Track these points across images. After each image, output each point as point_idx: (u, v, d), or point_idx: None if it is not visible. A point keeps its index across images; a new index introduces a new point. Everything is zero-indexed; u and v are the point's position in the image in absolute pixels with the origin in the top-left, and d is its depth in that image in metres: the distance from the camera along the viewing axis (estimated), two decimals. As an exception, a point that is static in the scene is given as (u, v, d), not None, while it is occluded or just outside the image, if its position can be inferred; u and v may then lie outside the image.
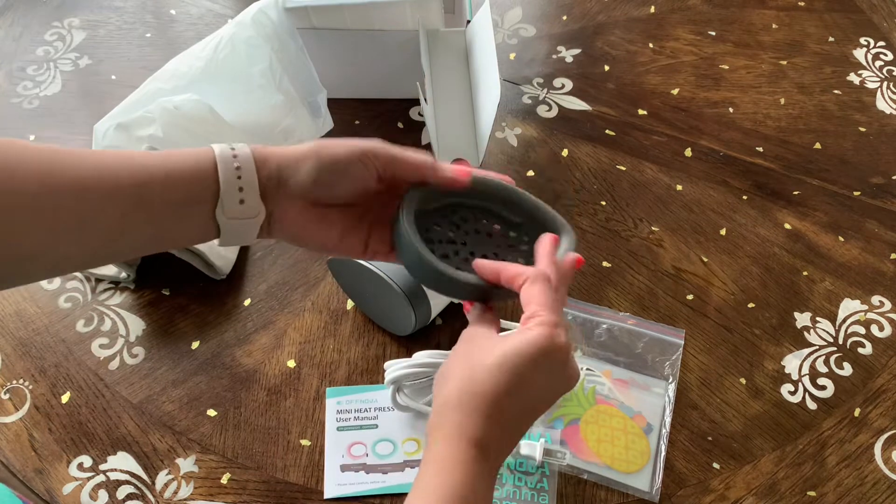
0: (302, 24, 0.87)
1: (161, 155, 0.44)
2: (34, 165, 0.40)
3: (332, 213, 0.48)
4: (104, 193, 0.41)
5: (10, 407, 0.71)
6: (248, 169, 0.44)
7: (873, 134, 0.94)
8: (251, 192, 0.44)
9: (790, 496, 0.66)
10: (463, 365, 0.43)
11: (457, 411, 0.42)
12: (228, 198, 0.43)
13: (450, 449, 0.41)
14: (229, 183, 0.43)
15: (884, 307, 0.79)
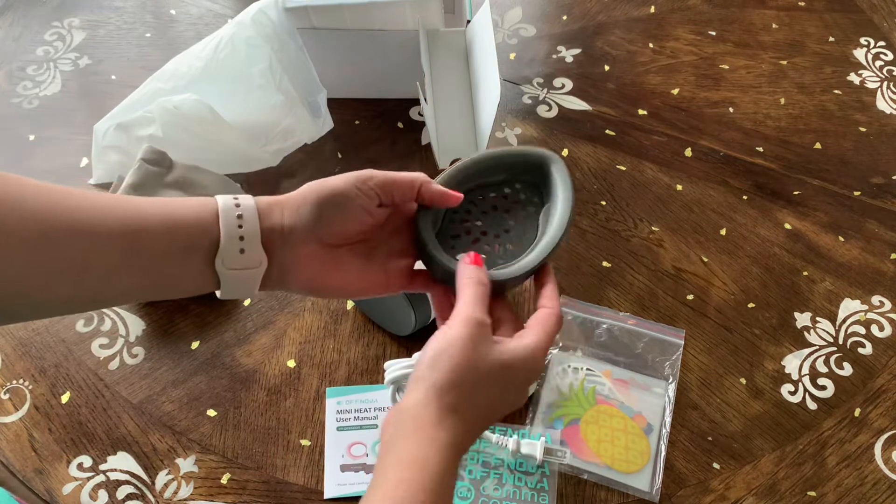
0: (302, 24, 0.87)
1: (161, 202, 0.43)
2: (32, 204, 0.39)
3: (344, 253, 0.48)
4: (102, 238, 0.40)
5: (9, 407, 0.71)
6: (250, 218, 0.43)
7: (873, 134, 0.94)
8: (252, 242, 0.43)
9: (790, 496, 0.66)
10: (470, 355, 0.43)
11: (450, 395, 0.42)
12: (229, 247, 0.43)
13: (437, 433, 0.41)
14: (230, 232, 0.43)
15: (884, 307, 0.79)
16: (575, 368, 0.73)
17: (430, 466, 0.39)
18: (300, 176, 0.88)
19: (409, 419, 0.41)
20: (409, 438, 0.40)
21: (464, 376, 0.41)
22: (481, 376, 0.42)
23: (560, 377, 0.72)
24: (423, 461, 0.39)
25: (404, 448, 0.40)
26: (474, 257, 0.47)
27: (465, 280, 0.45)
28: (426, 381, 0.41)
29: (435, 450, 0.40)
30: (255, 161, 0.88)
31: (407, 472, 0.39)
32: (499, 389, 0.44)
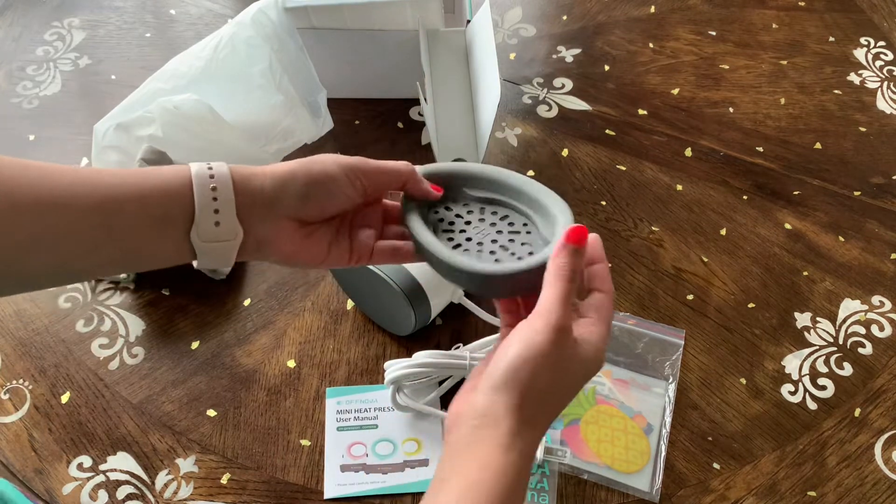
0: (302, 24, 0.87)
1: (137, 173, 0.43)
2: (3, 178, 0.39)
3: (318, 227, 0.48)
4: (77, 211, 0.40)
5: (9, 407, 0.71)
6: (224, 189, 0.43)
7: (874, 134, 0.94)
8: (227, 214, 0.43)
9: (790, 496, 0.66)
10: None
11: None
12: (203, 219, 0.42)
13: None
14: (204, 204, 0.42)
15: (884, 307, 0.79)
16: (575, 368, 0.72)
17: (507, 474, 0.39)
18: (300, 176, 0.88)
19: (486, 425, 0.40)
20: (483, 446, 0.40)
21: (547, 389, 0.41)
22: (561, 385, 0.42)
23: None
24: (500, 468, 0.39)
25: (481, 452, 0.39)
26: (576, 232, 0.42)
27: (557, 271, 0.42)
28: (508, 388, 0.40)
29: (512, 459, 0.39)
30: (255, 161, 0.87)
31: (484, 475, 0.39)
32: (569, 392, 0.43)
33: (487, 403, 0.40)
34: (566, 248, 0.42)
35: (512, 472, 0.39)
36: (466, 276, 0.46)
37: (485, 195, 0.53)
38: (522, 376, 0.40)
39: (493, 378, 0.41)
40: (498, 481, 0.38)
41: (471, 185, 0.54)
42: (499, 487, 0.38)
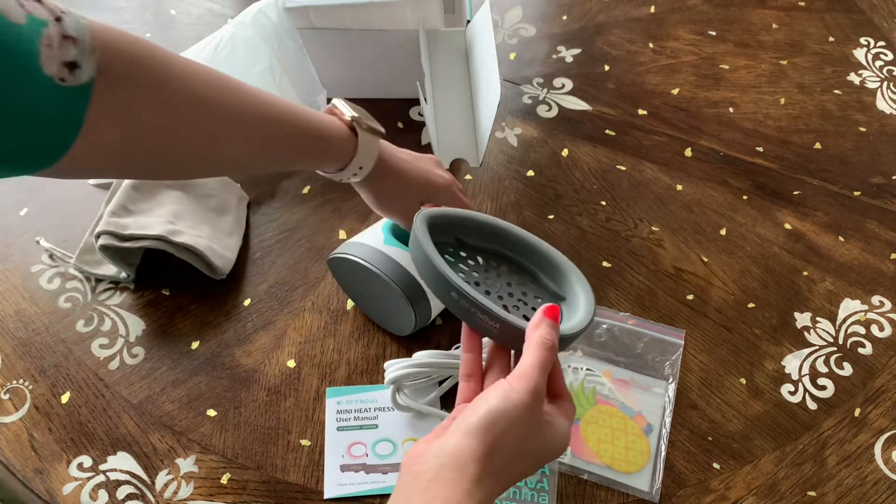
0: (302, 24, 0.87)
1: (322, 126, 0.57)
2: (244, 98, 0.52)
3: None
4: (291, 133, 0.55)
5: (10, 407, 0.71)
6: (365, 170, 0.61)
7: (873, 134, 0.94)
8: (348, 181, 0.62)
9: (790, 496, 0.66)
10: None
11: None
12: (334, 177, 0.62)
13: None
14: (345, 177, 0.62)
15: (884, 307, 0.79)
16: (575, 368, 0.72)
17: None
18: (300, 176, 0.88)
19: (454, 466, 0.41)
20: (447, 485, 0.40)
21: (515, 447, 0.42)
22: (528, 451, 0.43)
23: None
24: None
25: (442, 492, 0.40)
26: (552, 310, 0.46)
27: (540, 340, 0.45)
28: (481, 434, 0.41)
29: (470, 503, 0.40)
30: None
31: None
32: (533, 463, 0.45)
33: (458, 445, 0.41)
34: (546, 321, 0.46)
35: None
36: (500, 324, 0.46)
37: (490, 247, 0.55)
38: (497, 427, 0.42)
39: (468, 423, 0.42)
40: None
41: (475, 235, 0.55)
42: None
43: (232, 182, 0.85)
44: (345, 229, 0.83)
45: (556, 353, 0.45)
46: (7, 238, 0.82)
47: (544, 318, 0.46)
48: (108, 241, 0.74)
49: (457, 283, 0.46)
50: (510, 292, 0.52)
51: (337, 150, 0.58)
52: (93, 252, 0.78)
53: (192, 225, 0.78)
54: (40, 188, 0.86)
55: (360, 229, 0.84)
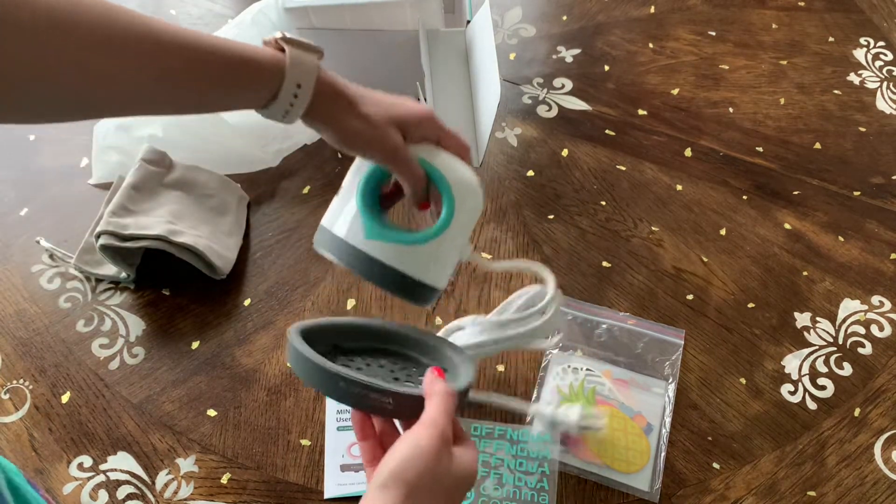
0: (302, 24, 0.87)
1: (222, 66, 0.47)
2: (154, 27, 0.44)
3: None
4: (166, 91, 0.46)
5: (10, 407, 0.71)
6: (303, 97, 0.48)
7: (873, 134, 0.94)
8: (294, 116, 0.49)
9: (790, 496, 0.66)
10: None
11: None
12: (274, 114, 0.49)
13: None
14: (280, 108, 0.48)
15: (884, 307, 0.79)
16: (575, 368, 0.73)
17: None
18: (300, 176, 0.88)
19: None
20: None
21: (429, 487, 0.43)
22: (442, 488, 0.44)
23: (560, 377, 0.72)
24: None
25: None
26: (439, 370, 0.49)
27: (438, 389, 0.47)
28: (394, 486, 0.43)
29: None
30: (255, 161, 0.88)
31: None
32: (449, 499, 0.46)
33: (374, 501, 0.42)
34: (438, 379, 0.48)
35: None
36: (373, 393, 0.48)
37: (367, 345, 0.57)
38: (408, 476, 0.43)
39: (381, 476, 0.43)
40: None
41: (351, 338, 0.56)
42: None
43: (232, 182, 0.85)
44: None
45: (454, 398, 0.47)
46: (7, 238, 0.82)
47: (436, 377, 0.48)
48: (109, 241, 0.74)
49: (341, 372, 0.47)
50: (395, 377, 0.55)
51: (264, 72, 0.48)
52: (93, 252, 0.78)
53: (192, 225, 0.78)
54: (40, 188, 0.86)
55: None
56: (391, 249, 0.52)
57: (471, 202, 0.54)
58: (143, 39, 0.44)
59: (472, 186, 0.53)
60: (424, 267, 0.53)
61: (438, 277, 0.54)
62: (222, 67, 0.47)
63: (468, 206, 0.53)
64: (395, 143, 0.50)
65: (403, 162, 0.51)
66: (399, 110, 0.52)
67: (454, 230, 0.52)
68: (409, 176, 0.51)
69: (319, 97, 0.49)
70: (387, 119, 0.51)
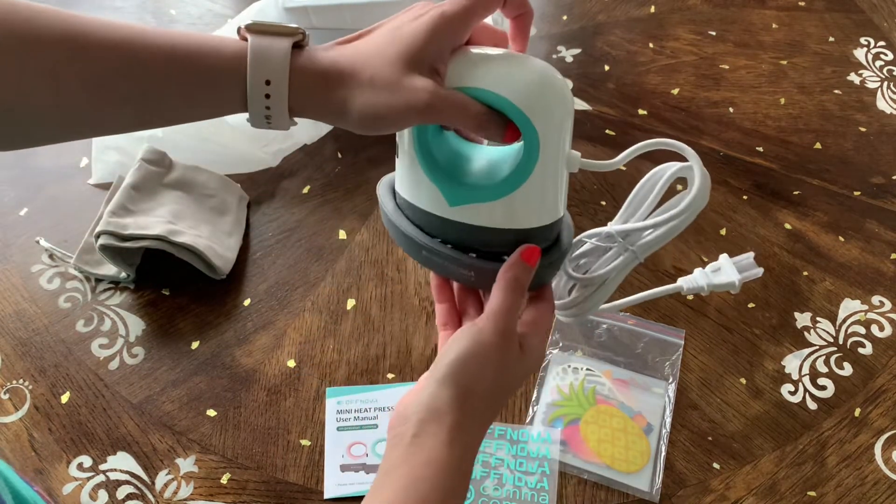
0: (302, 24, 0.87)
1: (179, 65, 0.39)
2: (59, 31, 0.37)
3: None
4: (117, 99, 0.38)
5: (9, 407, 0.71)
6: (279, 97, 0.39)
7: (874, 134, 0.94)
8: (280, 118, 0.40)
9: (790, 496, 0.66)
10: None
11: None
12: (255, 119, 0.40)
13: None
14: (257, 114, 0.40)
15: (884, 307, 0.78)
16: (575, 368, 0.72)
17: (450, 468, 0.39)
18: (300, 176, 0.88)
19: (431, 419, 0.40)
20: (428, 439, 0.40)
21: (491, 386, 0.42)
22: (503, 385, 0.43)
23: (560, 377, 0.72)
24: (444, 463, 0.39)
25: (426, 446, 0.40)
26: (530, 252, 0.43)
27: (511, 285, 0.43)
28: (452, 382, 0.41)
29: (455, 453, 0.40)
30: (254, 161, 0.88)
31: (427, 470, 0.39)
32: (510, 391, 0.45)
33: (432, 397, 0.41)
34: (520, 264, 0.43)
35: (455, 467, 0.40)
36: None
37: None
38: (468, 371, 0.41)
39: (439, 372, 0.41)
40: (441, 476, 0.39)
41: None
42: (442, 483, 0.39)
43: (232, 182, 0.85)
44: (345, 229, 0.83)
45: (524, 296, 0.43)
46: (7, 238, 0.82)
47: (520, 261, 0.43)
48: (108, 240, 0.73)
49: (425, 242, 0.43)
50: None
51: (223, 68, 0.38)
52: (93, 252, 0.78)
53: (192, 225, 0.78)
54: (40, 188, 0.86)
55: (359, 229, 0.84)
56: (486, 209, 0.42)
57: (551, 104, 0.43)
58: (62, 41, 0.37)
59: (542, 86, 0.43)
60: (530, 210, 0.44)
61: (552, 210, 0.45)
62: (171, 66, 0.38)
63: (551, 113, 0.43)
64: (423, 97, 0.38)
65: (446, 110, 0.40)
66: (406, 43, 0.39)
67: (547, 150, 0.43)
68: (463, 121, 0.40)
69: (303, 90, 0.39)
70: (399, 67, 0.39)
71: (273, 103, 0.39)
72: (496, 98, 0.40)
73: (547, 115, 0.42)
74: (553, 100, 0.43)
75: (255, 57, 0.38)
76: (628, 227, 0.51)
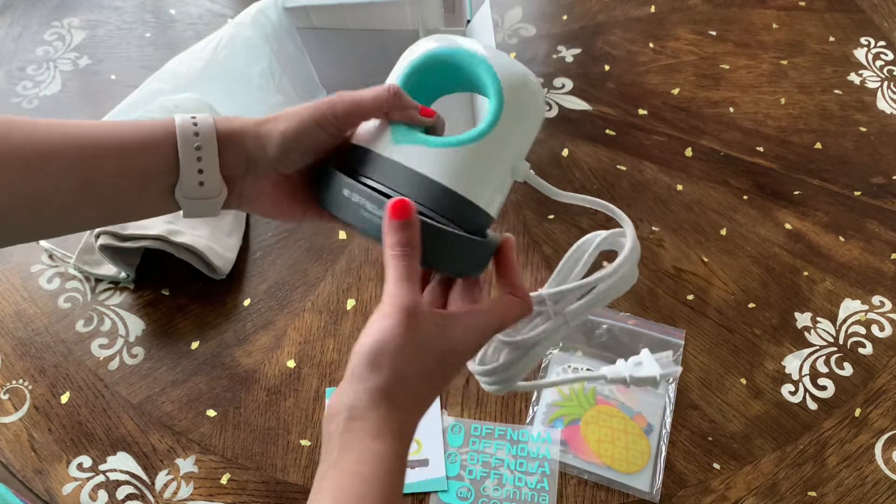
0: (302, 24, 0.87)
1: (117, 125, 0.41)
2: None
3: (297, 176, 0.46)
4: (55, 171, 0.39)
5: (9, 407, 0.71)
6: (209, 148, 0.41)
7: (874, 134, 0.94)
8: (211, 173, 0.42)
9: (790, 496, 0.66)
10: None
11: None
12: (188, 178, 0.42)
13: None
14: (188, 162, 0.41)
15: (884, 307, 0.78)
16: (575, 368, 0.72)
17: (382, 463, 0.38)
18: (300, 176, 0.88)
19: (357, 416, 0.38)
20: (357, 434, 0.38)
21: (409, 371, 0.39)
22: (427, 367, 0.40)
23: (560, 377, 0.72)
24: (375, 458, 0.38)
25: (354, 444, 0.38)
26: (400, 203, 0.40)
27: (392, 252, 0.40)
28: (369, 382, 0.39)
29: (385, 447, 0.38)
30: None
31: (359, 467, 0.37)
32: (443, 374, 0.42)
33: (352, 394, 0.39)
34: (392, 223, 0.40)
35: (387, 461, 0.38)
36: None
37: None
38: (381, 362, 0.39)
39: (354, 367, 0.39)
40: (374, 473, 0.37)
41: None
42: (376, 478, 0.37)
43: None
44: (345, 229, 0.83)
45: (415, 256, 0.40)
46: (7, 238, 0.82)
47: (390, 223, 0.40)
48: (108, 240, 0.73)
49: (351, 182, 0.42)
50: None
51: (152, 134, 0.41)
52: (92, 252, 0.78)
53: (191, 225, 0.78)
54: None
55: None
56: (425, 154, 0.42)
57: (524, 97, 0.45)
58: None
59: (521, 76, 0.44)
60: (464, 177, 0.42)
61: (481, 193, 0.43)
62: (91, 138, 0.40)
63: (521, 103, 0.45)
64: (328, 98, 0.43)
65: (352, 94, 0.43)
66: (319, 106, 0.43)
67: (502, 131, 0.44)
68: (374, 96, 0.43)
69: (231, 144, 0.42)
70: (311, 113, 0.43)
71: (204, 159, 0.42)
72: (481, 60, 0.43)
73: (516, 95, 0.43)
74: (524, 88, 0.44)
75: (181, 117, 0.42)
76: (558, 289, 0.51)
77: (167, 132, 0.41)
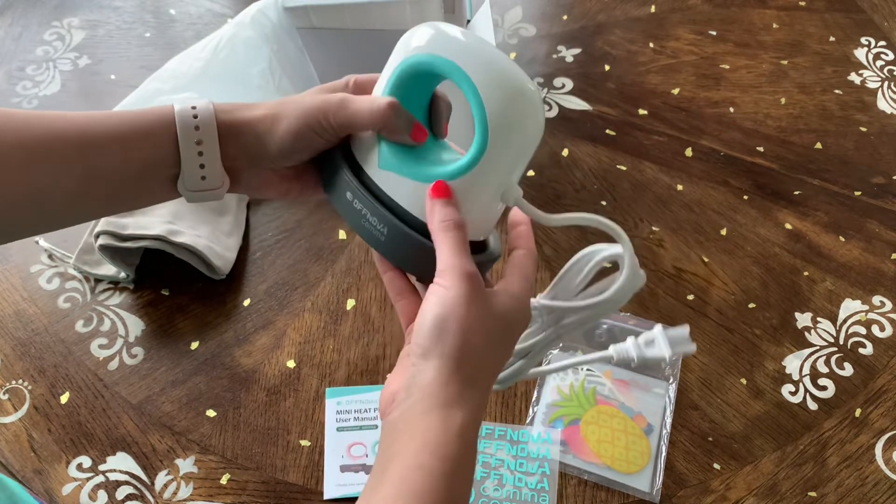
0: (302, 24, 0.86)
1: (118, 116, 0.41)
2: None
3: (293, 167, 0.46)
4: (56, 163, 0.39)
5: (9, 407, 0.71)
6: (210, 142, 0.41)
7: (874, 134, 0.94)
8: (213, 167, 0.42)
9: (791, 497, 0.66)
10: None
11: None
12: (189, 172, 0.42)
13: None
14: (189, 158, 0.41)
15: (885, 307, 0.78)
16: (575, 368, 0.72)
17: (450, 451, 0.35)
18: (300, 176, 0.88)
19: (425, 397, 0.36)
20: (425, 420, 0.36)
21: (475, 341, 0.37)
22: (490, 337, 0.38)
23: (560, 377, 0.72)
24: (444, 445, 0.35)
25: (421, 431, 0.36)
26: (439, 186, 0.39)
27: (442, 226, 0.39)
28: (436, 353, 0.37)
29: (455, 432, 0.36)
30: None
31: (426, 458, 0.35)
32: (502, 347, 0.40)
33: (421, 374, 0.37)
34: (435, 202, 0.40)
35: (458, 442, 0.36)
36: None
37: None
38: (449, 335, 0.37)
39: (419, 345, 0.37)
40: (444, 456, 0.35)
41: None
42: (447, 463, 0.35)
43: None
44: (345, 229, 0.83)
45: (464, 229, 0.39)
46: (6, 238, 0.82)
47: (433, 201, 0.40)
48: (108, 240, 0.73)
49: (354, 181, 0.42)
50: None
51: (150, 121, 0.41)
52: (92, 252, 0.78)
53: (191, 225, 0.78)
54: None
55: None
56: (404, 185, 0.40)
57: (515, 118, 0.38)
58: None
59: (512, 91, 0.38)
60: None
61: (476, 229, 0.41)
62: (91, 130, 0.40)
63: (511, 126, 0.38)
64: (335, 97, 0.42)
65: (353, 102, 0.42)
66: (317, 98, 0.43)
67: (488, 164, 0.39)
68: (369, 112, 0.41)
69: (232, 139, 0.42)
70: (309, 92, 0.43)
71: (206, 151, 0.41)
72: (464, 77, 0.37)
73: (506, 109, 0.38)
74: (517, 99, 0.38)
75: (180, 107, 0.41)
76: (554, 304, 0.49)
77: (167, 123, 0.41)
